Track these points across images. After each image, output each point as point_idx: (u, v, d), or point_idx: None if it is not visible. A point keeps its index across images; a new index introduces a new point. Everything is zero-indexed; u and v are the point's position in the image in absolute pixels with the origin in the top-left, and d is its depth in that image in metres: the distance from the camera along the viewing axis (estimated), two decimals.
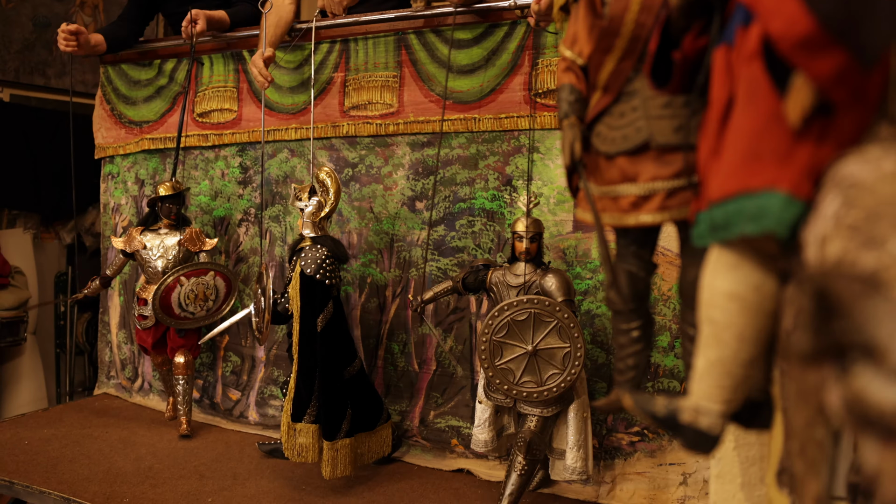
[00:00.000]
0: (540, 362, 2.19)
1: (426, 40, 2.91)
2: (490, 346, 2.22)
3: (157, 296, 2.86)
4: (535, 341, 2.18)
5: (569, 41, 1.36)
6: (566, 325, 2.14)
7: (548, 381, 2.17)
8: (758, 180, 0.83)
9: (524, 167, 2.77)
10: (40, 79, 4.20)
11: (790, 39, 0.75)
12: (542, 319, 2.17)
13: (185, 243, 3.00)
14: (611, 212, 1.25)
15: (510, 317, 2.20)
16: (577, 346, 2.13)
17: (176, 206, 2.99)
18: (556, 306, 2.15)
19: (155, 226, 3.04)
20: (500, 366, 2.22)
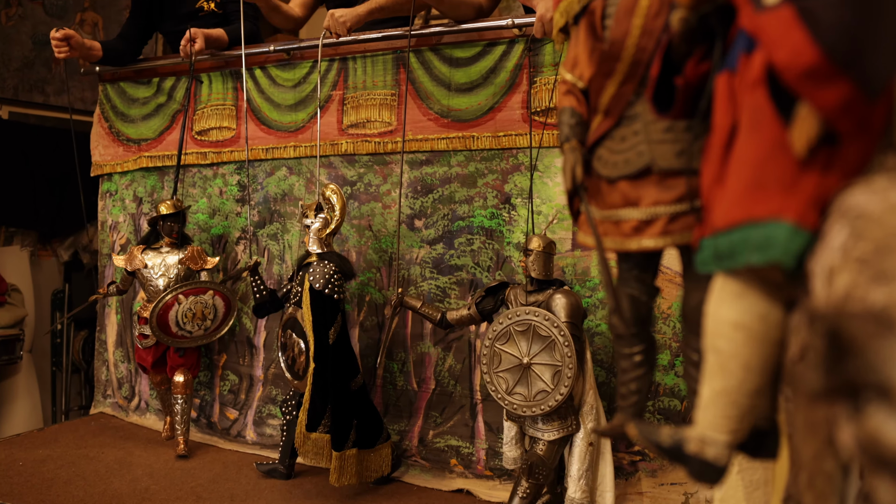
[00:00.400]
0: (532, 377, 2.18)
1: (424, 59, 2.91)
2: (491, 351, 2.24)
3: (155, 313, 2.85)
4: (530, 354, 2.18)
5: (569, 64, 1.36)
6: (560, 343, 2.12)
7: (536, 398, 2.16)
8: (763, 209, 0.83)
9: (523, 185, 2.77)
10: (39, 96, 4.20)
11: (795, 70, 0.75)
12: (539, 334, 2.17)
13: (186, 262, 2.99)
14: (613, 236, 1.24)
15: (511, 325, 2.21)
16: (567, 367, 2.11)
17: (177, 224, 2.99)
18: (554, 322, 2.14)
19: (156, 244, 3.02)
20: (497, 372, 2.22)
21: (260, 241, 3.25)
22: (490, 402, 2.75)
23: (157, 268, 2.96)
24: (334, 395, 2.46)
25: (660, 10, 1.19)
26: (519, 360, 2.19)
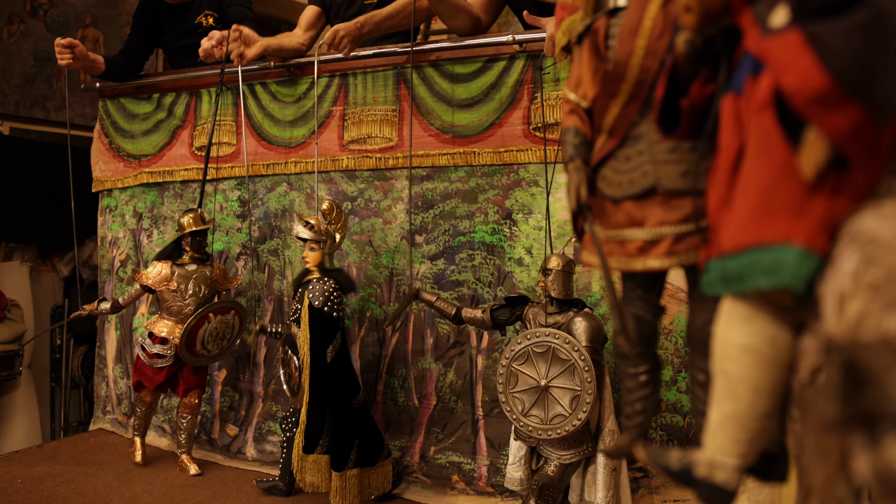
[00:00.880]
0: (549, 400, 2.16)
1: (425, 74, 2.92)
2: (508, 371, 2.20)
3: (186, 333, 2.77)
4: (548, 377, 2.16)
5: (573, 84, 1.36)
6: (580, 367, 2.10)
7: (553, 422, 2.13)
8: (772, 233, 0.83)
9: (524, 200, 2.77)
10: (40, 112, 4.21)
11: (804, 95, 0.75)
12: (559, 356, 2.14)
13: (215, 282, 2.93)
14: (617, 256, 1.24)
15: (530, 346, 2.17)
16: (587, 392, 2.09)
17: (205, 239, 2.92)
18: (574, 346, 2.12)
19: (180, 260, 2.90)
20: (513, 393, 2.19)
21: (260, 257, 3.24)
22: (492, 418, 2.74)
23: (186, 285, 2.87)
24: (334, 415, 2.44)
25: (663, 31, 1.19)
26: (537, 382, 2.16)
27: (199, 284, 2.87)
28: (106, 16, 4.41)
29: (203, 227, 2.87)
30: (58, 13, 4.23)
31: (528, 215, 2.75)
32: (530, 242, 2.75)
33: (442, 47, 2.87)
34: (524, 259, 2.75)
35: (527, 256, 2.75)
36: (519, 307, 2.42)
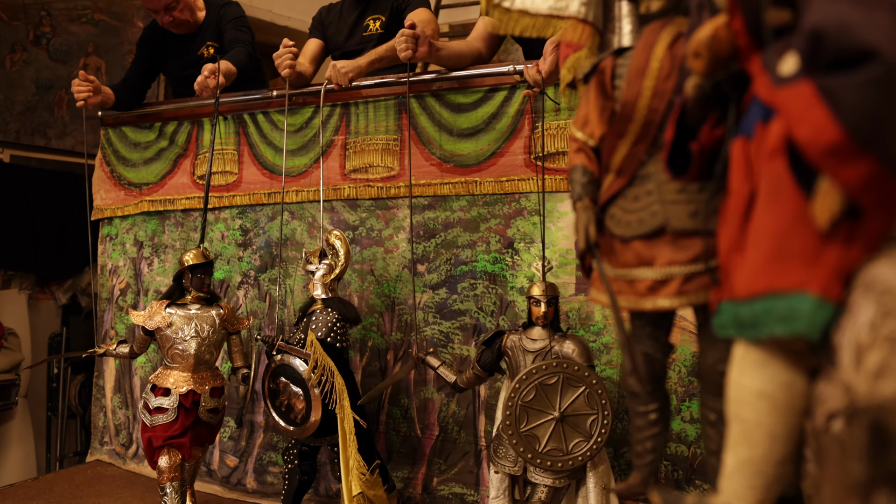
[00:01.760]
0: (566, 429, 2.13)
1: (426, 104, 2.94)
2: (516, 411, 2.15)
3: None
4: (562, 407, 2.13)
5: (580, 122, 1.38)
6: (595, 390, 2.09)
7: (573, 450, 2.10)
8: (786, 281, 0.83)
9: (525, 230, 2.77)
10: (41, 139, 4.22)
11: (818, 147, 0.76)
12: (571, 384, 2.11)
13: (224, 323, 2.65)
14: (627, 295, 1.24)
15: (539, 380, 2.13)
16: (604, 413, 2.07)
17: (208, 276, 2.65)
18: (585, 371, 2.10)
19: (181, 300, 2.63)
20: (524, 432, 2.14)
21: (261, 286, 3.24)
22: None
23: (187, 328, 2.57)
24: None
25: (670, 73, 1.21)
26: (551, 414, 2.12)
27: (201, 325, 2.58)
28: (108, 44, 4.44)
29: (204, 261, 2.62)
30: (60, 42, 4.26)
31: (530, 244, 2.76)
32: (532, 272, 2.75)
33: (443, 77, 2.90)
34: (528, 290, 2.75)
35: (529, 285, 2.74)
36: (497, 342, 2.38)
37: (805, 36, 0.79)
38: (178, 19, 3.32)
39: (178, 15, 3.31)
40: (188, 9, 3.35)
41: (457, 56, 2.85)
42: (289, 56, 2.90)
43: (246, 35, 3.38)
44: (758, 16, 0.94)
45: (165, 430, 2.54)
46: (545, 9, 1.44)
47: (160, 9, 3.27)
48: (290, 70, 2.92)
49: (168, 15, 3.29)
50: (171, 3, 3.26)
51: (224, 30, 3.41)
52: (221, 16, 3.43)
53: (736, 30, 0.97)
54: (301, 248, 3.14)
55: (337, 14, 3.41)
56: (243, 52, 3.23)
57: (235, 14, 3.44)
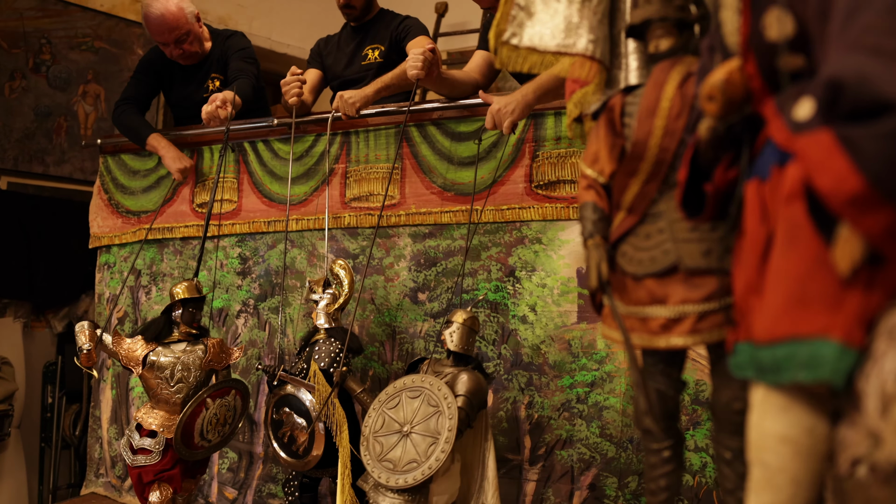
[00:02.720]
0: (407, 445, 2.09)
1: (426, 133, 2.96)
2: (378, 414, 2.19)
3: (181, 425, 2.37)
4: (413, 422, 2.10)
5: (589, 159, 1.39)
6: (445, 414, 2.04)
7: (405, 466, 2.03)
8: (808, 327, 0.83)
9: (527, 258, 2.78)
10: (39, 166, 4.21)
11: (840, 197, 0.76)
12: (429, 402, 2.11)
13: (210, 364, 2.51)
14: (639, 332, 1.24)
15: (405, 391, 2.17)
16: (445, 441, 1.99)
17: (199, 311, 2.54)
18: (446, 393, 2.07)
19: (168, 338, 2.51)
20: (377, 436, 2.14)
21: (261, 315, 3.22)
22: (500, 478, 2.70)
23: (172, 369, 2.45)
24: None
25: (681, 112, 1.22)
26: (400, 426, 2.11)
27: (187, 368, 2.46)
28: (108, 71, 4.46)
29: (196, 296, 2.51)
30: (60, 69, 4.28)
31: (532, 273, 2.76)
32: (534, 300, 2.75)
33: (443, 106, 2.92)
34: (528, 317, 2.75)
35: (531, 314, 2.74)
36: (419, 367, 2.37)
37: (823, 85, 0.80)
38: (187, 52, 3.33)
39: (188, 47, 3.32)
40: (197, 40, 3.36)
41: (458, 85, 2.87)
42: (296, 84, 2.91)
43: (251, 67, 3.38)
44: (771, 60, 0.95)
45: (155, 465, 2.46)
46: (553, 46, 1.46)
47: (170, 42, 3.27)
48: (297, 99, 2.93)
49: (178, 48, 3.29)
50: (182, 36, 3.27)
51: (229, 61, 3.42)
52: (227, 47, 3.44)
53: (749, 73, 0.98)
54: (301, 276, 3.13)
55: (335, 44, 3.44)
56: (247, 84, 3.24)
57: (240, 45, 3.44)
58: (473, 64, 3.07)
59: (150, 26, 3.26)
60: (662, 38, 1.29)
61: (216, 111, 2.89)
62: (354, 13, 3.32)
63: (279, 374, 2.46)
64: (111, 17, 4.47)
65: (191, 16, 3.31)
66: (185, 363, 2.47)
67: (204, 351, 2.50)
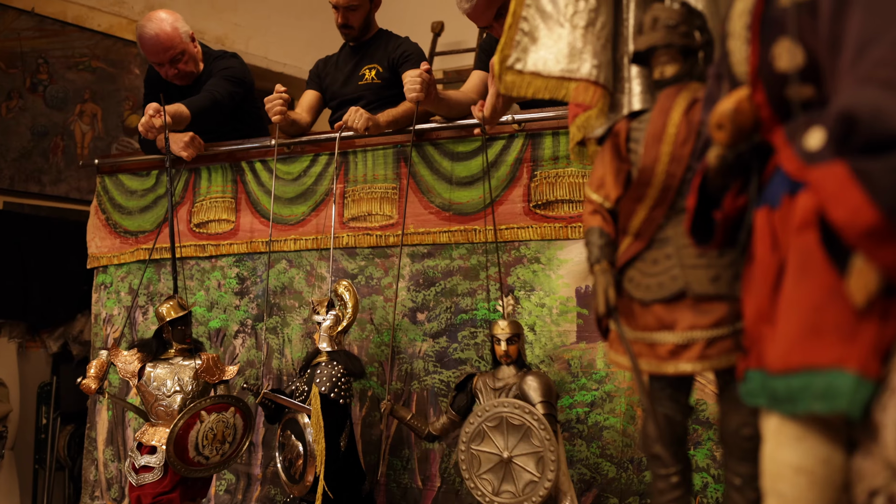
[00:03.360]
0: (516, 470, 2.10)
1: (425, 153, 2.96)
2: (469, 455, 2.15)
3: (174, 435, 2.35)
4: (509, 448, 2.10)
5: (595, 184, 1.39)
6: (536, 427, 2.05)
7: (525, 490, 2.06)
8: (823, 357, 0.83)
9: (525, 277, 2.78)
10: (35, 186, 4.20)
11: (855, 229, 0.77)
12: (513, 423, 2.10)
13: (202, 375, 2.52)
14: (648, 358, 1.24)
15: (482, 423, 2.14)
16: (549, 450, 2.03)
17: (188, 327, 2.58)
18: (525, 408, 2.08)
19: (165, 354, 2.55)
20: (480, 476, 2.13)
21: (259, 335, 3.21)
22: None
23: (170, 383, 2.49)
24: None
25: (687, 138, 1.23)
26: (499, 456, 2.11)
27: (183, 378, 2.50)
28: (105, 91, 4.46)
29: (181, 313, 2.54)
30: (57, 89, 4.27)
31: (531, 292, 2.76)
32: (533, 319, 2.75)
33: (442, 126, 2.93)
34: (527, 336, 2.74)
35: (530, 334, 2.74)
36: (469, 384, 2.37)
37: (836, 117, 0.81)
38: (182, 71, 3.32)
39: (183, 67, 3.31)
40: (192, 60, 3.36)
41: (456, 106, 2.88)
42: (279, 101, 2.90)
43: (224, 85, 3.31)
44: (781, 90, 0.96)
45: (154, 487, 2.45)
46: (557, 71, 1.47)
47: (165, 62, 3.27)
48: (280, 116, 2.91)
49: (173, 68, 3.29)
50: (177, 56, 3.27)
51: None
52: (213, 67, 3.43)
53: (758, 103, 0.99)
54: (299, 296, 3.12)
55: (333, 64, 3.45)
56: (206, 98, 3.18)
57: (225, 65, 3.42)
58: (471, 84, 3.08)
59: (144, 46, 3.25)
60: (667, 64, 1.30)
61: (150, 121, 2.84)
62: (352, 33, 3.33)
63: (263, 391, 2.47)
64: (108, 37, 4.48)
65: (185, 35, 3.30)
66: (181, 376, 2.52)
67: (197, 364, 2.54)
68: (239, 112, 3.39)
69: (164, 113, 2.81)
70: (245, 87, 3.45)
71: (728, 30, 1.07)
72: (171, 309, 2.54)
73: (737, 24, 1.04)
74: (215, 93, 3.23)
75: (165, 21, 3.22)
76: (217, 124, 3.31)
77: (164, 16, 3.26)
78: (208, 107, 3.18)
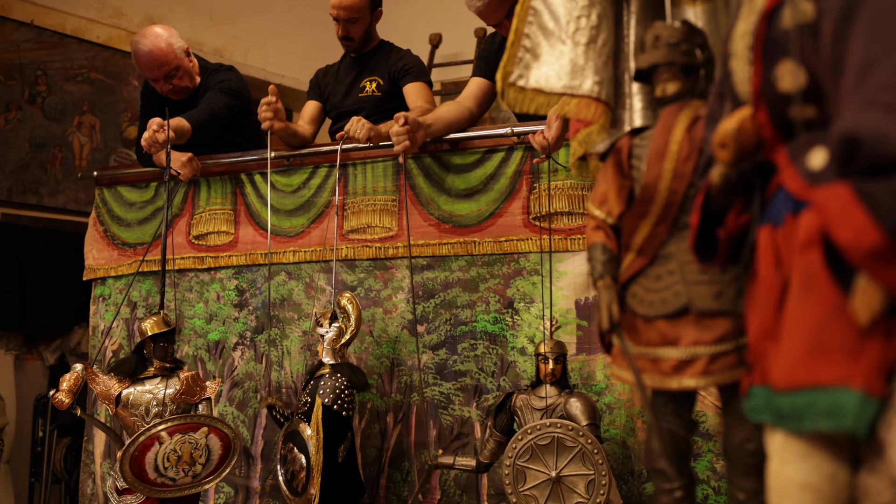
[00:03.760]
0: (564, 490, 2.12)
1: (424, 165, 2.98)
2: (514, 470, 2.16)
3: (128, 456, 2.25)
4: (558, 467, 2.12)
5: (597, 200, 1.40)
6: (590, 451, 2.08)
7: None
8: (828, 376, 0.84)
9: (525, 289, 2.78)
10: (33, 197, 4.20)
11: (860, 250, 0.78)
12: (566, 444, 2.11)
13: (183, 397, 2.43)
14: (651, 373, 1.25)
15: (533, 441, 2.14)
16: (601, 474, 2.07)
17: (171, 344, 2.47)
18: (579, 431, 2.10)
19: (144, 373, 2.45)
20: (523, 492, 2.15)
21: (258, 347, 3.20)
22: None
23: (149, 406, 2.41)
24: None
25: (689, 155, 1.24)
26: (547, 474, 2.12)
27: (162, 404, 2.40)
28: (103, 103, 4.46)
29: (165, 329, 2.44)
30: (55, 100, 4.28)
31: (530, 304, 2.77)
32: (533, 331, 2.75)
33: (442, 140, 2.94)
34: (527, 348, 2.75)
35: (530, 346, 2.74)
36: (508, 403, 2.38)
37: (839, 138, 0.82)
38: (177, 87, 3.32)
39: (178, 82, 3.31)
40: (187, 75, 3.35)
41: (450, 126, 2.89)
42: (267, 109, 2.88)
43: (222, 98, 3.29)
44: (783, 110, 0.98)
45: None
46: (559, 87, 1.48)
47: (160, 78, 3.27)
48: (269, 123, 2.87)
49: (168, 83, 3.29)
50: (171, 72, 3.27)
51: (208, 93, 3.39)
52: (210, 80, 3.43)
53: (761, 122, 1.01)
54: (298, 308, 3.12)
55: (334, 75, 3.46)
56: (205, 111, 3.17)
57: (221, 78, 3.41)
58: (468, 91, 3.09)
59: (139, 62, 3.25)
60: (669, 82, 1.31)
61: (153, 136, 2.82)
62: (353, 45, 3.34)
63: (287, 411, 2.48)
64: (107, 49, 4.49)
65: (180, 51, 3.29)
66: (160, 399, 2.41)
67: (178, 384, 2.44)
68: (236, 125, 3.39)
69: (167, 128, 2.78)
70: (242, 100, 3.45)
71: (730, 50, 1.09)
72: (155, 324, 2.44)
73: (739, 44, 1.05)
74: (214, 106, 3.23)
75: (160, 37, 3.22)
76: (215, 138, 3.31)
77: (159, 31, 3.25)
78: (207, 120, 3.17)
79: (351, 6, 3.21)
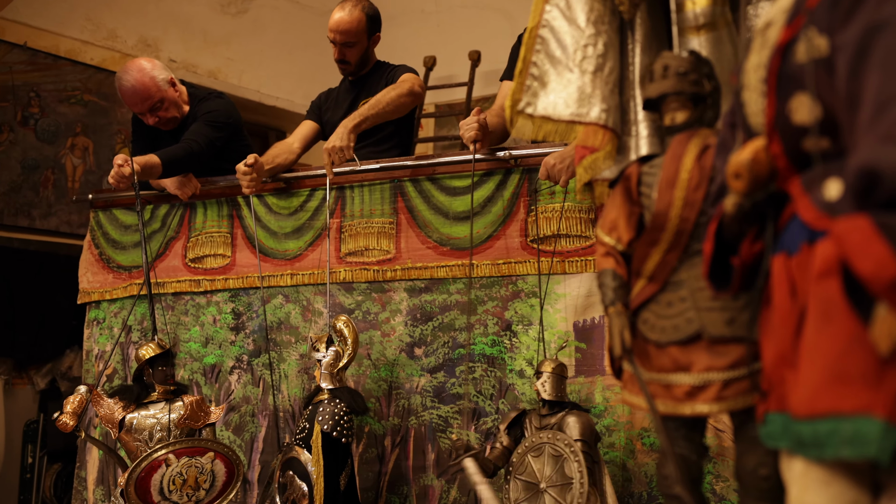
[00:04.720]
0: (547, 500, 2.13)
1: (422, 188, 2.99)
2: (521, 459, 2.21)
3: (134, 477, 2.25)
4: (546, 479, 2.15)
5: (607, 227, 1.42)
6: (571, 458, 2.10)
7: None
8: (850, 404, 0.85)
9: (523, 312, 2.79)
10: (25, 220, 4.17)
11: (882, 282, 0.80)
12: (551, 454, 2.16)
13: (187, 422, 2.43)
14: (664, 399, 1.26)
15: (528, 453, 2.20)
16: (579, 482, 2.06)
17: (170, 367, 2.50)
18: (564, 439, 2.13)
19: (147, 399, 2.47)
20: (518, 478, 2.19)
21: (255, 371, 3.18)
22: None
23: (152, 430, 2.41)
24: None
25: (699, 183, 1.26)
26: (536, 484, 2.15)
27: (166, 429, 2.42)
28: (96, 125, 4.46)
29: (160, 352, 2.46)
30: (48, 122, 4.27)
31: (528, 327, 2.77)
32: (531, 354, 2.75)
33: (437, 162, 2.96)
34: (526, 371, 2.75)
35: (528, 368, 2.74)
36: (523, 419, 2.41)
37: (857, 172, 0.84)
38: (163, 118, 3.31)
39: (164, 114, 3.31)
40: (173, 105, 3.34)
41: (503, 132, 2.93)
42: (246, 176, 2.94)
43: (206, 132, 3.27)
44: (797, 141, 1.00)
45: None
46: (567, 115, 1.50)
47: (145, 111, 3.27)
48: (251, 190, 3.01)
49: (154, 116, 3.29)
50: (156, 105, 3.26)
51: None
52: (197, 110, 3.40)
53: (775, 153, 1.03)
54: (296, 331, 3.11)
55: (334, 98, 3.49)
56: (181, 149, 3.15)
57: (208, 108, 3.39)
58: (502, 95, 3.11)
59: (124, 97, 3.27)
60: (678, 111, 1.34)
61: (119, 171, 2.89)
62: (349, 69, 3.38)
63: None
64: (101, 71, 4.49)
65: (163, 83, 3.28)
66: (164, 423, 2.43)
67: (182, 409, 2.45)
68: (225, 152, 3.36)
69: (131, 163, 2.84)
70: (230, 130, 3.40)
71: (743, 82, 1.11)
72: (150, 349, 2.47)
73: (752, 76, 1.08)
74: (192, 144, 3.19)
75: (143, 71, 3.21)
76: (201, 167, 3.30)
77: (143, 65, 3.23)
78: (183, 157, 3.13)
79: (348, 31, 3.24)
